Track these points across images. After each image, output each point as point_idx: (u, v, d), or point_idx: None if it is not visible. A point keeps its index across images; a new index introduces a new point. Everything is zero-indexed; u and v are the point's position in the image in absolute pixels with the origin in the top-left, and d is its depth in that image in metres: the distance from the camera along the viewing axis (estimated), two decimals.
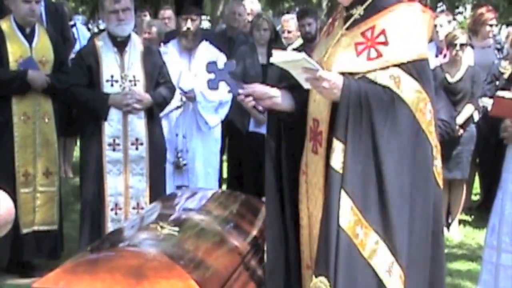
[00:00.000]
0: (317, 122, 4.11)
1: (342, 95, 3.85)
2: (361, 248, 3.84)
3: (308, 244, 4.23)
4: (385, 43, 3.96)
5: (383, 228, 3.88)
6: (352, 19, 4.10)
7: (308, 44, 8.97)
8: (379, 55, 3.94)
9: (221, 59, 7.82)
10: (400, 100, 3.89)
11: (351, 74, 3.95)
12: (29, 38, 7.15)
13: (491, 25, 10.26)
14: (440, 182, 4.20)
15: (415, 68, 3.97)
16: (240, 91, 4.16)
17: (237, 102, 8.11)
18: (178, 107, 7.68)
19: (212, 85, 4.25)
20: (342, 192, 3.81)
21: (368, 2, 4.07)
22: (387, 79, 3.90)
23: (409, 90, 3.92)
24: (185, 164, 7.67)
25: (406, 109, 3.91)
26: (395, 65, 3.93)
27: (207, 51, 7.99)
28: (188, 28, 7.82)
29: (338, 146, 3.85)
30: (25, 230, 6.94)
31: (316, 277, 3.87)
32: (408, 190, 3.95)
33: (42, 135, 7.14)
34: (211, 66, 4.26)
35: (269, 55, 8.74)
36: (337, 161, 3.85)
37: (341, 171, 3.84)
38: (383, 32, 3.97)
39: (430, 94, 4.04)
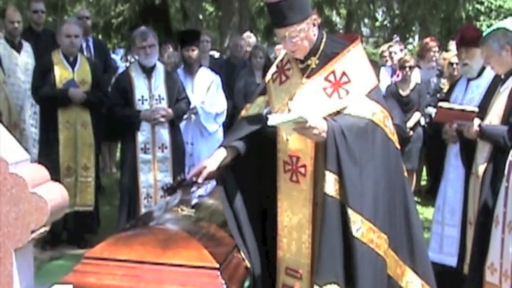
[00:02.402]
0: (296, 158, 3.92)
1: (329, 136, 3.67)
2: (377, 249, 3.74)
3: (285, 256, 4.02)
4: (349, 82, 3.82)
5: (388, 228, 3.83)
6: (310, 69, 3.94)
7: None
8: (347, 92, 3.81)
9: (216, 80, 8.02)
10: (374, 123, 3.78)
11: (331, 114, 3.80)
12: (72, 64, 7.26)
13: (434, 51, 10.30)
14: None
15: (375, 94, 3.88)
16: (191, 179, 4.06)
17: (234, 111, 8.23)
18: (185, 119, 7.72)
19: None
20: (350, 210, 3.65)
21: (319, 53, 3.93)
22: (360, 109, 3.78)
23: (376, 112, 3.82)
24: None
25: (380, 130, 3.81)
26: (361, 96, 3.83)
27: (205, 74, 8.09)
28: (190, 57, 7.91)
29: (330, 176, 3.68)
30: (67, 210, 7.01)
31: (322, 286, 3.69)
32: (394, 192, 3.92)
33: (81, 139, 7.24)
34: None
35: (264, 77, 8.85)
36: (330, 189, 3.67)
37: (337, 196, 3.68)
38: (344, 73, 3.83)
39: (388, 111, 3.95)
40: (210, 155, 4.14)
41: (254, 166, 4.16)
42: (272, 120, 3.63)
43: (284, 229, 4.01)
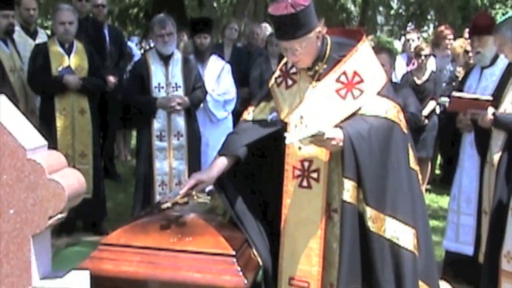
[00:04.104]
0: (308, 162, 3.82)
1: (345, 144, 3.61)
2: (415, 249, 3.78)
3: (289, 265, 3.90)
4: (361, 81, 3.77)
5: (415, 223, 3.82)
6: (318, 74, 3.87)
7: None
8: (361, 92, 3.76)
9: (226, 67, 8.05)
10: (389, 120, 3.75)
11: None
12: (68, 51, 7.25)
13: (449, 39, 10.27)
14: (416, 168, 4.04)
15: (386, 90, 3.84)
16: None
17: (243, 98, 8.21)
18: None
19: None
20: (374, 212, 3.66)
21: (326, 58, 3.85)
22: (374, 108, 3.75)
23: (390, 109, 3.79)
24: None
25: (396, 125, 3.78)
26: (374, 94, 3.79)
27: (215, 62, 8.09)
28: (202, 44, 7.92)
29: (348, 184, 3.65)
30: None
31: None
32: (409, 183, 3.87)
33: (78, 126, 7.21)
34: None
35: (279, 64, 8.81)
36: (348, 195, 3.65)
37: (355, 203, 3.66)
38: (355, 73, 3.78)
39: (400, 105, 3.92)
40: (221, 138, 4.11)
41: (255, 173, 4.11)
42: (289, 139, 3.59)
43: (288, 238, 3.90)
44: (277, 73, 4.12)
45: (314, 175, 3.82)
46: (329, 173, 3.82)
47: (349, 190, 3.67)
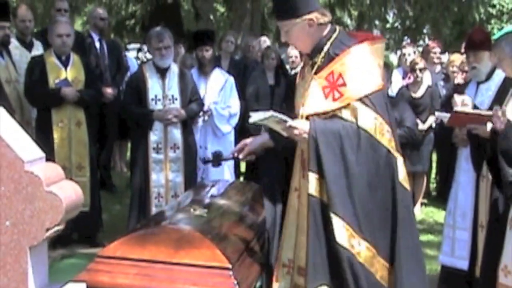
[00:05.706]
0: (303, 152, 3.95)
1: (310, 137, 3.74)
2: (358, 256, 3.73)
3: (291, 248, 4.01)
4: (343, 85, 3.81)
5: (370, 234, 3.77)
6: (316, 66, 3.94)
7: None
8: (341, 95, 3.81)
9: (230, 80, 8.03)
10: (361, 128, 3.77)
11: (323, 113, 3.84)
12: (65, 63, 7.25)
13: (434, 53, 10.34)
14: (407, 187, 3.97)
15: (370, 100, 3.82)
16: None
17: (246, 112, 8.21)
18: (201, 119, 7.80)
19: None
20: (333, 215, 3.68)
21: (324, 52, 3.92)
22: (350, 114, 3.80)
23: (368, 119, 3.79)
24: None
25: (366, 134, 3.77)
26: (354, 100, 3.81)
27: (219, 74, 8.09)
28: (204, 57, 7.92)
29: (311, 176, 3.75)
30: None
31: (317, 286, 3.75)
32: (379, 198, 3.83)
33: (75, 138, 7.21)
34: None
35: (276, 77, 8.85)
36: (313, 189, 3.74)
37: (318, 196, 3.74)
38: (340, 75, 3.83)
39: (386, 118, 3.88)
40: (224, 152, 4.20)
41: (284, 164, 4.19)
42: (252, 118, 3.81)
43: (291, 229, 4.00)
44: (302, 64, 4.25)
45: (306, 165, 3.92)
46: None
47: (313, 183, 3.76)
